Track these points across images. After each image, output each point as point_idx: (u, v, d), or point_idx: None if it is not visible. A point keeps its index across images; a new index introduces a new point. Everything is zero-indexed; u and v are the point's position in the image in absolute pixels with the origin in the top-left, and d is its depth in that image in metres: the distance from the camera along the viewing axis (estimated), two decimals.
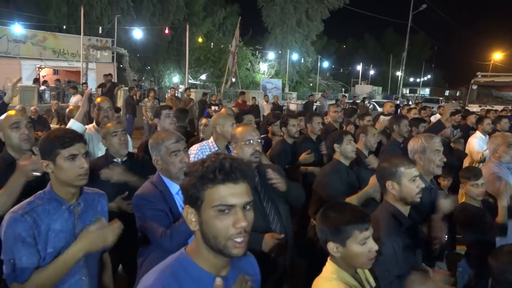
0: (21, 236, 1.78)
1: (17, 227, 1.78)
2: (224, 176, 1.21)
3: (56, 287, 1.88)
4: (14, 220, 1.80)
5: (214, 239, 1.22)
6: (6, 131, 2.69)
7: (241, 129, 2.80)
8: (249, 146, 2.67)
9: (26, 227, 1.80)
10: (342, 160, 3.53)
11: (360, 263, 1.66)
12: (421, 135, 3.10)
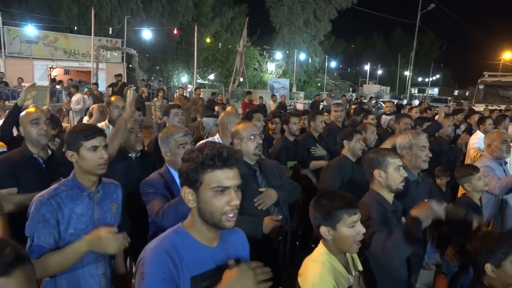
0: (44, 217, 2.03)
1: (42, 208, 2.03)
2: (222, 162, 1.46)
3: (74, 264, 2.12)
4: (40, 203, 2.05)
5: (210, 215, 1.47)
6: (27, 126, 2.94)
7: (244, 125, 3.03)
8: (252, 140, 2.90)
9: (50, 209, 2.05)
10: (349, 156, 3.72)
11: (347, 245, 1.86)
12: (408, 132, 3.31)
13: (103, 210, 2.23)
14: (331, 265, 1.85)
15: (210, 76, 32.19)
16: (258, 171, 2.94)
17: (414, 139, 3.14)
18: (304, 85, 36.07)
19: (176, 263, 1.45)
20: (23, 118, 2.99)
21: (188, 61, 30.36)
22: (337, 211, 1.83)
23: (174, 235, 1.54)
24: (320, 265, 1.84)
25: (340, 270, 1.86)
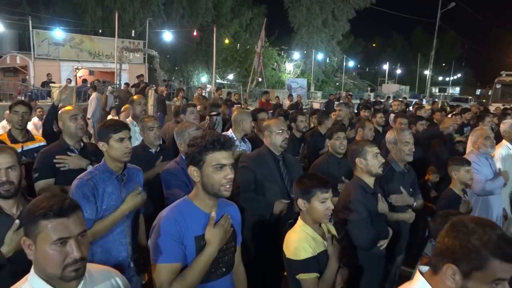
0: (85, 195, 2.51)
1: (83, 188, 2.52)
2: (220, 146, 1.92)
3: (106, 234, 2.61)
4: (81, 183, 2.54)
5: (211, 186, 1.93)
6: (66, 121, 3.41)
7: (275, 121, 3.55)
8: (281, 134, 3.39)
9: (89, 188, 2.54)
10: (334, 153, 4.12)
11: (318, 216, 2.29)
12: (394, 129, 3.73)
13: (128, 190, 2.72)
14: (307, 233, 2.29)
15: (229, 76, 32.78)
16: (281, 161, 3.43)
17: (399, 135, 3.55)
18: (322, 85, 36.30)
19: (182, 226, 1.92)
20: (62, 115, 3.47)
21: (207, 61, 31.03)
22: (313, 188, 2.27)
23: (181, 204, 2.01)
24: (298, 234, 2.29)
25: (314, 237, 2.29)
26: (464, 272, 1.29)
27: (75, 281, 1.43)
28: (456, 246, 1.31)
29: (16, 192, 2.22)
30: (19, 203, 2.26)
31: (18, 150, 3.61)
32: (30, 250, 1.39)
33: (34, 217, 1.36)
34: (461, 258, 1.29)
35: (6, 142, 3.63)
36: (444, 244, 1.35)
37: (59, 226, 1.36)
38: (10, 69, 21.75)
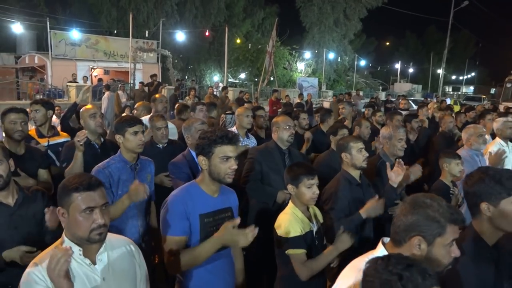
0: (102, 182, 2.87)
1: (99, 175, 2.87)
2: (228, 140, 2.25)
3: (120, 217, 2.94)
4: (98, 171, 2.90)
5: (217, 174, 2.25)
6: (86, 119, 3.79)
7: (282, 117, 3.88)
8: (288, 130, 3.72)
9: (104, 176, 2.89)
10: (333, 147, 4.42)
11: (305, 200, 2.61)
12: (390, 125, 4.01)
13: (141, 178, 3.06)
14: (296, 215, 2.60)
15: (241, 75, 33.14)
16: (286, 155, 3.75)
17: (394, 132, 3.84)
18: (334, 84, 36.42)
19: (189, 204, 2.25)
20: (83, 113, 3.84)
21: (220, 60, 31.43)
22: (300, 175, 2.59)
23: (189, 187, 2.35)
24: (288, 215, 2.61)
25: (302, 218, 2.61)
26: (429, 240, 1.57)
27: (98, 244, 1.78)
28: (420, 220, 1.58)
29: (6, 184, 2.41)
30: (13, 193, 2.47)
31: (45, 144, 4.03)
32: (63, 217, 1.74)
33: (68, 191, 1.71)
34: (426, 229, 1.56)
35: (34, 137, 4.03)
36: (407, 220, 1.61)
37: (87, 198, 1.71)
38: (29, 68, 22.45)
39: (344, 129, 4.71)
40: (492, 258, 1.82)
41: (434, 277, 1.19)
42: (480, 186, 1.84)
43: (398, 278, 1.19)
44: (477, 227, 1.87)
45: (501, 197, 1.79)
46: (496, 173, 1.83)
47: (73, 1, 28.76)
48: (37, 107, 4.13)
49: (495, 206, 1.80)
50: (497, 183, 1.80)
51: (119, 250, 1.89)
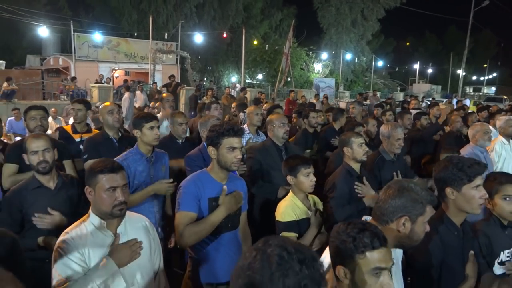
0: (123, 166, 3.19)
1: None
2: (233, 133, 2.54)
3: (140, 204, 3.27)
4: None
5: (224, 163, 2.55)
6: (105, 115, 4.11)
7: (276, 115, 4.14)
8: (282, 127, 3.97)
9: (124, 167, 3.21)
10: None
11: (304, 187, 2.88)
12: (390, 124, 4.23)
13: (155, 169, 3.39)
14: (294, 203, 2.88)
15: (258, 76, 33.45)
16: (283, 151, 4.02)
17: (392, 130, 4.07)
18: (351, 84, 36.40)
19: (200, 188, 2.56)
20: (102, 110, 4.19)
21: (237, 62, 31.80)
22: (297, 166, 2.86)
23: (200, 174, 2.65)
24: (287, 202, 2.89)
25: (300, 206, 2.88)
26: (413, 219, 1.81)
27: (118, 219, 2.09)
28: (407, 202, 1.82)
29: (51, 169, 2.82)
30: (54, 178, 2.87)
31: (78, 139, 4.39)
32: (90, 195, 2.06)
33: (94, 173, 2.04)
34: (411, 210, 1.81)
35: (69, 132, 4.41)
36: (395, 203, 1.83)
37: (111, 179, 2.03)
38: (53, 70, 23.25)
39: (360, 127, 4.96)
40: (459, 235, 2.06)
41: (384, 240, 1.45)
42: (445, 173, 2.08)
43: (352, 240, 1.45)
44: (445, 209, 2.12)
45: (463, 182, 2.03)
46: (459, 161, 2.07)
47: (96, 5, 29.64)
48: (80, 106, 4.50)
49: (458, 190, 2.04)
50: (460, 170, 2.04)
51: (136, 225, 2.21)
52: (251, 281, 1.14)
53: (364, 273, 1.44)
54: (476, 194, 2.02)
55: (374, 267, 1.43)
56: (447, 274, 2.00)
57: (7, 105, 12.53)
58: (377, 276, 1.43)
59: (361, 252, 1.43)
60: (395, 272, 1.89)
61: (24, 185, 2.82)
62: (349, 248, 1.45)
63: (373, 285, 1.42)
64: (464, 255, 2.07)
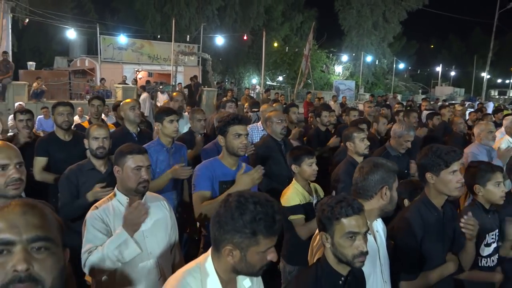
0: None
1: None
2: (238, 121, 2.85)
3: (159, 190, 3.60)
4: None
5: (232, 149, 2.85)
6: (126, 111, 4.44)
7: (274, 113, 4.41)
8: (280, 124, 4.25)
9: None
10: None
11: (307, 175, 3.14)
12: (405, 124, 4.43)
13: (175, 159, 3.71)
14: (297, 189, 3.15)
15: (279, 77, 33.73)
16: (282, 146, 4.28)
17: (405, 132, 4.28)
18: (372, 87, 36.28)
19: (212, 172, 2.87)
20: (123, 105, 4.52)
21: (258, 63, 32.12)
22: (302, 156, 3.14)
23: (212, 161, 2.97)
24: (291, 189, 3.17)
25: (303, 192, 3.15)
26: (391, 187, 2.12)
27: (140, 196, 2.41)
28: (384, 174, 2.13)
29: (106, 155, 3.25)
30: (106, 164, 3.29)
31: None
32: (118, 174, 2.39)
33: (123, 153, 2.38)
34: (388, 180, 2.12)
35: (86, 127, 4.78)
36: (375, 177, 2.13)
37: (137, 159, 2.37)
38: (80, 71, 24.08)
39: (364, 124, 5.19)
40: (439, 216, 2.30)
41: (357, 209, 1.72)
42: (425, 160, 2.33)
43: (330, 209, 1.73)
44: (426, 192, 2.36)
45: (441, 168, 2.27)
46: (438, 149, 2.31)
47: (121, 8, 30.52)
48: (99, 102, 4.90)
49: (437, 175, 2.28)
50: (438, 157, 2.28)
51: (155, 203, 2.52)
52: (219, 224, 1.49)
53: (341, 236, 1.70)
54: (453, 178, 2.26)
55: (348, 231, 1.69)
56: (427, 251, 2.24)
57: (37, 104, 13.13)
58: (352, 240, 1.69)
59: (337, 219, 1.70)
60: (380, 243, 2.16)
61: (80, 166, 3.23)
62: (328, 216, 1.73)
63: (348, 247, 1.69)
64: (444, 235, 2.30)
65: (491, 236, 2.60)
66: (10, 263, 0.92)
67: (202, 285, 1.53)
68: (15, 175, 1.94)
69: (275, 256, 1.51)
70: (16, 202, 1.02)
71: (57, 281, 0.97)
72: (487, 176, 2.59)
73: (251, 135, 5.02)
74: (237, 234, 1.46)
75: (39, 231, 0.97)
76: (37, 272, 0.93)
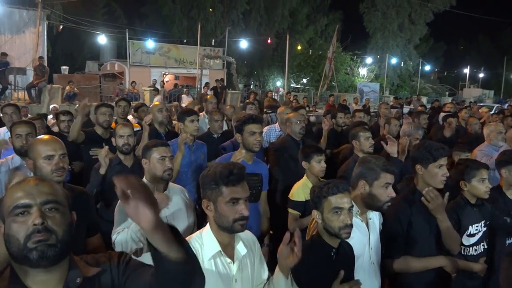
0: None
1: None
2: (253, 120, 3.21)
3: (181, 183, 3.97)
4: None
5: (248, 145, 3.22)
6: (155, 113, 4.85)
7: (294, 114, 4.72)
8: (298, 124, 4.53)
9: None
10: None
11: (316, 172, 3.43)
12: (413, 124, 4.68)
13: (196, 156, 4.08)
14: (306, 184, 3.43)
15: (303, 80, 33.93)
16: (301, 145, 4.57)
17: (414, 131, 4.52)
18: (397, 89, 35.97)
19: None
20: (152, 108, 4.96)
21: (283, 66, 32.37)
22: (311, 153, 3.44)
23: (231, 155, 3.30)
24: (300, 184, 3.47)
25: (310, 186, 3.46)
26: (369, 183, 2.39)
27: (164, 185, 2.78)
28: (364, 169, 2.42)
29: (131, 151, 3.64)
30: (132, 158, 3.68)
31: None
32: (146, 165, 2.78)
33: (149, 147, 2.80)
34: (367, 175, 2.39)
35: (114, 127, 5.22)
36: (357, 171, 2.45)
37: (162, 151, 2.78)
38: (110, 74, 25.01)
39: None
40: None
41: (342, 189, 2.03)
42: (417, 153, 2.61)
43: (319, 189, 2.07)
44: (416, 182, 2.64)
45: (429, 161, 2.54)
46: (429, 145, 2.59)
47: (149, 13, 31.47)
48: (125, 103, 5.35)
49: (425, 168, 2.56)
50: (427, 152, 2.55)
51: (176, 193, 2.89)
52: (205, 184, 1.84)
53: (328, 212, 2.03)
54: (439, 172, 2.52)
55: (334, 207, 2.02)
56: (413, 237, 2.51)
57: (70, 107, 13.84)
58: (338, 214, 2.02)
59: (325, 197, 2.03)
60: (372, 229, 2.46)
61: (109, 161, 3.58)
62: (318, 195, 2.06)
63: (335, 221, 2.01)
64: (431, 223, 2.56)
65: (475, 227, 2.83)
66: (30, 220, 1.24)
67: (202, 246, 1.84)
68: (59, 164, 2.33)
69: (246, 210, 1.79)
70: (31, 178, 1.39)
71: (66, 233, 1.29)
72: (472, 173, 2.82)
73: (268, 135, 5.37)
74: (207, 189, 1.81)
75: (49, 196, 1.30)
76: (50, 225, 1.25)
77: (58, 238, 1.26)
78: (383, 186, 2.36)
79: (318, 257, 2.05)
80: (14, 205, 1.26)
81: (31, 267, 1.25)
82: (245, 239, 1.98)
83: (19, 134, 3.43)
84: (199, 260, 1.71)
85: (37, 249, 1.22)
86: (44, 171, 2.30)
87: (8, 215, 1.26)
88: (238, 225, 1.79)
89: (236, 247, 1.89)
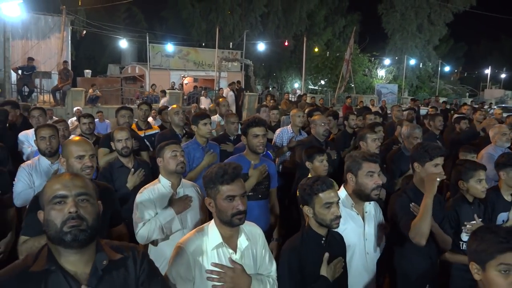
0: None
1: None
2: (256, 124, 3.44)
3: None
4: None
5: (251, 146, 3.45)
6: (172, 116, 5.14)
7: (318, 116, 4.97)
8: (323, 126, 4.79)
9: (185, 153, 4.20)
10: None
11: (319, 171, 3.65)
12: (410, 125, 4.83)
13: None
14: None
15: (321, 81, 33.97)
16: (324, 145, 4.80)
17: (411, 131, 4.68)
18: (416, 90, 35.63)
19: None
20: (170, 111, 5.23)
21: (300, 68, 32.56)
22: (314, 154, 3.67)
23: (238, 156, 3.57)
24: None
25: None
26: (355, 174, 2.61)
27: (179, 180, 3.05)
28: (349, 163, 2.65)
29: (130, 153, 3.78)
30: (132, 160, 3.82)
31: (142, 135, 5.48)
32: (160, 163, 3.04)
33: (162, 147, 3.05)
34: (352, 167, 2.62)
35: (135, 129, 5.51)
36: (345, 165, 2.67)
37: (173, 147, 3.02)
38: (130, 77, 25.62)
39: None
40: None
41: (330, 185, 2.25)
42: (415, 152, 2.82)
43: (309, 187, 2.28)
44: (414, 179, 2.84)
45: (426, 160, 2.74)
46: (426, 145, 2.79)
47: (169, 17, 32.08)
48: (146, 107, 5.65)
49: (422, 166, 2.76)
50: (425, 151, 2.75)
51: (189, 187, 3.15)
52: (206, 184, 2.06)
53: (320, 207, 2.24)
54: (435, 170, 2.72)
55: (325, 202, 2.23)
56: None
57: (92, 109, 14.31)
58: (328, 208, 2.23)
59: (315, 194, 2.25)
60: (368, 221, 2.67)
61: (112, 164, 3.86)
62: (308, 192, 2.27)
63: (327, 214, 2.23)
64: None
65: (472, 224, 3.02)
66: (66, 209, 1.49)
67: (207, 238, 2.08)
68: (88, 163, 2.62)
69: (242, 205, 2.00)
70: (66, 173, 1.68)
71: (95, 220, 1.53)
72: (470, 173, 3.01)
73: (281, 137, 5.60)
74: (208, 188, 2.04)
75: (82, 189, 1.54)
76: (82, 213, 1.50)
77: (88, 225, 1.52)
78: (366, 175, 2.56)
79: (311, 245, 2.27)
80: (53, 195, 1.53)
81: (65, 248, 1.50)
82: (249, 231, 2.19)
83: (43, 137, 3.73)
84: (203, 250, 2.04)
85: (71, 232, 1.48)
86: (75, 169, 2.59)
87: (48, 204, 1.53)
88: (236, 219, 2.00)
89: (238, 239, 2.12)
